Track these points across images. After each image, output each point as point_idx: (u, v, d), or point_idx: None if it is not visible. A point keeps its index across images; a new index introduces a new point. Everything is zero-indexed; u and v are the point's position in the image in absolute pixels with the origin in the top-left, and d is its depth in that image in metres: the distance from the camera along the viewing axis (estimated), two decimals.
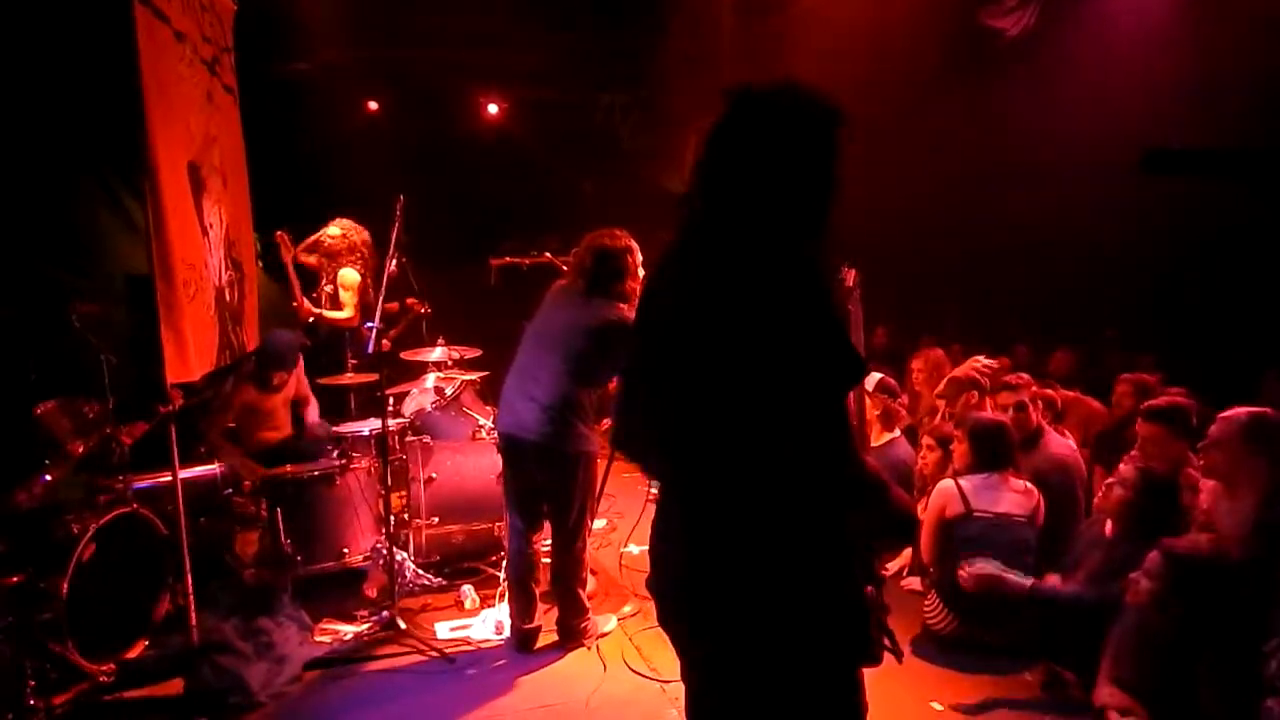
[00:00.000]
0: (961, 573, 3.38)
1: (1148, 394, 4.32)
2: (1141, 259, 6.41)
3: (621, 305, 3.50)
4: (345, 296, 5.61)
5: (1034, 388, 4.50)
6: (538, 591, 3.74)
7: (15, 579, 3.18)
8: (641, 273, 3.61)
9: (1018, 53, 6.48)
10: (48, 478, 3.55)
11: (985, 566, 3.34)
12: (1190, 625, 2.68)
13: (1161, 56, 5.82)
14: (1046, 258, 7.02)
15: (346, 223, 5.66)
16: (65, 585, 3.19)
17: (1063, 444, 4.22)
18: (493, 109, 8.91)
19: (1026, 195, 6.79)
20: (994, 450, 3.73)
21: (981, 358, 4.55)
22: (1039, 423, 4.24)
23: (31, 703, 3.04)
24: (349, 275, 5.59)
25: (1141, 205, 5.95)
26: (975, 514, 3.63)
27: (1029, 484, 3.75)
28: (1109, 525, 3.33)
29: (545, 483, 3.53)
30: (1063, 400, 4.85)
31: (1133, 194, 5.87)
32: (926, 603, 3.72)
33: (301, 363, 4.80)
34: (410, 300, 5.94)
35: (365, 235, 5.65)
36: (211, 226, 4.12)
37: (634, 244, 3.58)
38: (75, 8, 4.19)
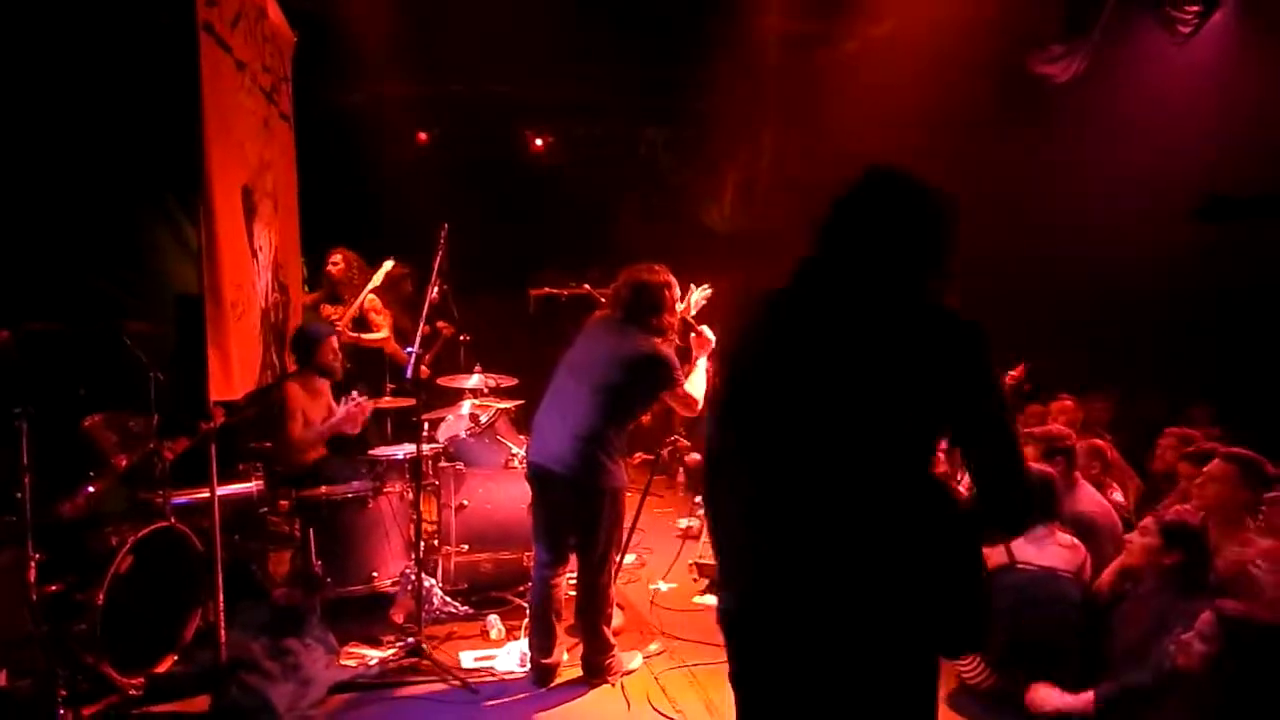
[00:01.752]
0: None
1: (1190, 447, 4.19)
2: (1196, 308, 6.25)
3: (657, 340, 3.50)
4: (378, 319, 5.72)
5: (1074, 438, 4.37)
6: (560, 626, 3.70)
7: (53, 588, 3.24)
8: (679, 305, 3.61)
9: (1068, 99, 6.43)
10: (91, 489, 3.62)
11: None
12: (1243, 689, 2.57)
13: (1215, 100, 5.74)
14: (1097, 305, 6.89)
15: (349, 255, 5.83)
16: (101, 596, 3.24)
17: (1095, 500, 4.07)
18: (538, 142, 9.06)
19: (1076, 242, 6.69)
20: (1041, 502, 3.62)
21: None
22: (1075, 476, 4.12)
23: (61, 712, 3.07)
24: (376, 299, 5.72)
25: (1197, 252, 5.82)
26: (1018, 565, 3.54)
27: (1075, 539, 3.65)
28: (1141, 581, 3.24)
29: (572, 516, 3.51)
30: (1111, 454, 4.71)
31: (1188, 241, 5.75)
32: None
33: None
34: (440, 324, 6.04)
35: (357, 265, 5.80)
36: (261, 249, 4.22)
37: (672, 279, 3.59)
38: (143, 36, 4.36)
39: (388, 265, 5.73)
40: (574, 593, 3.71)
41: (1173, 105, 6.01)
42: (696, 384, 3.65)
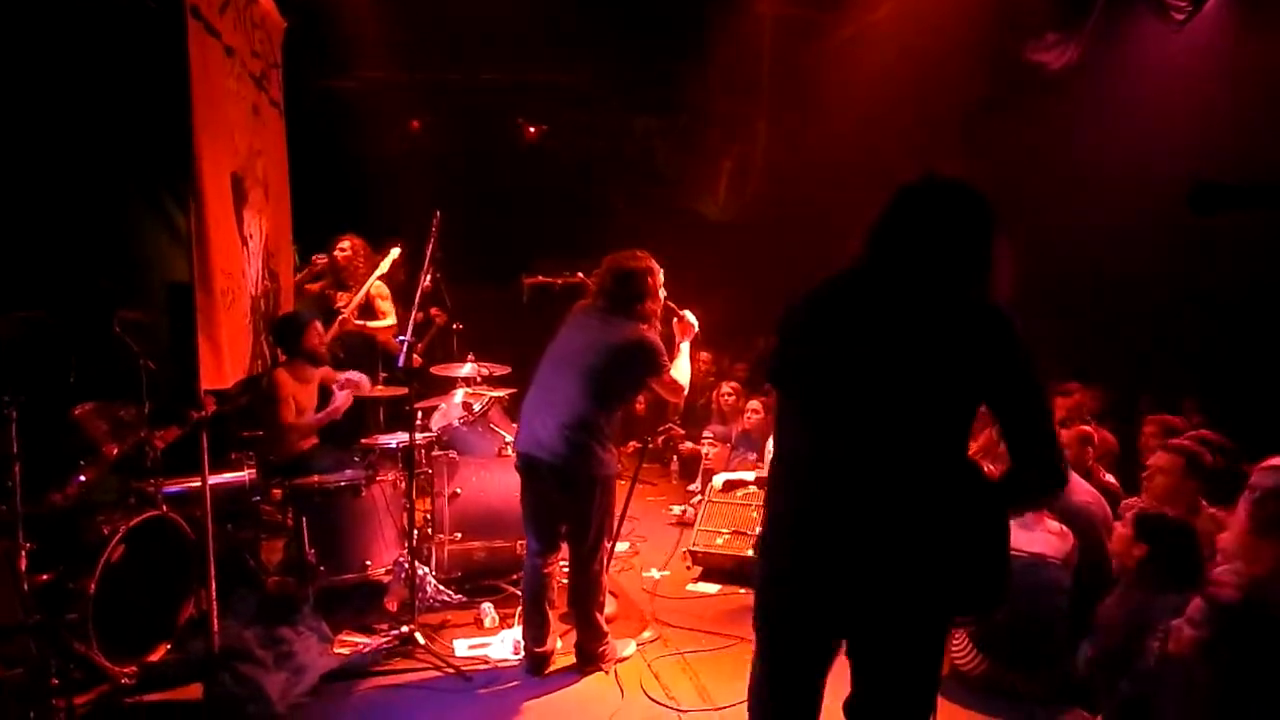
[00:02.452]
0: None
1: (1175, 437, 4.20)
2: (1187, 296, 6.26)
3: (643, 325, 3.50)
4: (384, 306, 5.70)
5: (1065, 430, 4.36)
6: (553, 614, 3.71)
7: (45, 577, 3.23)
8: (663, 294, 3.60)
9: (1061, 86, 6.41)
10: (83, 478, 3.61)
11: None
12: (1238, 674, 2.58)
13: (1210, 88, 5.72)
14: (1086, 293, 6.89)
15: (357, 241, 5.80)
16: (93, 586, 3.23)
17: (1086, 490, 4.04)
18: (531, 130, 9.01)
19: (1067, 228, 6.68)
20: None
21: None
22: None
23: (54, 702, 3.06)
24: (384, 286, 5.69)
25: (1188, 241, 5.82)
26: (1010, 552, 3.55)
27: (1063, 526, 3.66)
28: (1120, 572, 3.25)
29: (563, 504, 3.51)
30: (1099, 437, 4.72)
31: (1179, 229, 5.75)
32: (955, 642, 3.63)
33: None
34: (433, 311, 6.02)
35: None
36: (251, 237, 4.20)
37: (655, 265, 3.58)
38: (131, 21, 4.32)
39: (395, 253, 5.70)
40: (566, 581, 3.72)
41: (1167, 93, 5.98)
42: (682, 369, 3.64)
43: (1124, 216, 6.15)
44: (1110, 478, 4.30)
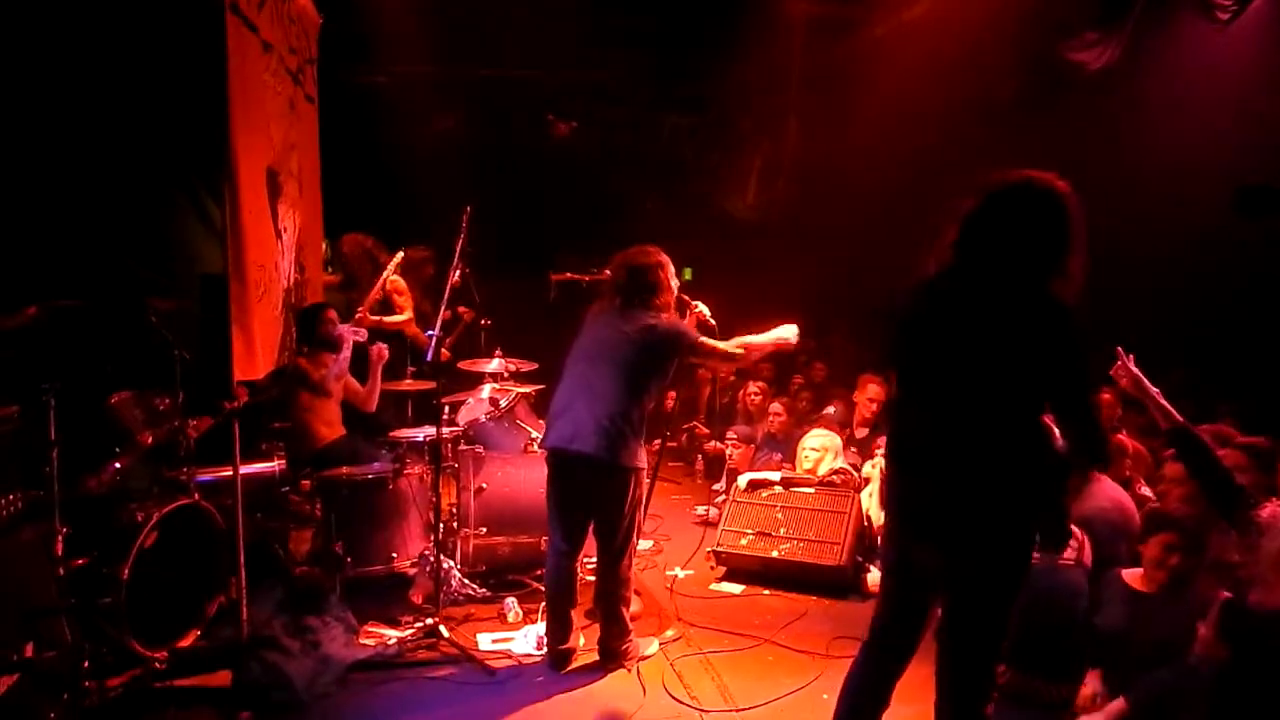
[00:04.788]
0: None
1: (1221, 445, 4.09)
2: (1230, 302, 6.12)
3: (662, 315, 3.51)
4: (401, 301, 5.75)
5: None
6: (576, 612, 3.71)
7: (80, 562, 3.29)
8: (675, 284, 3.61)
9: (1100, 87, 6.29)
10: (117, 465, 3.67)
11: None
12: (1238, 678, 2.54)
13: (1255, 89, 5.58)
14: (1127, 298, 6.76)
15: (354, 239, 5.85)
16: (126, 571, 3.28)
17: (1108, 497, 3.91)
18: (562, 127, 9.02)
19: (1105, 230, 6.56)
20: None
21: None
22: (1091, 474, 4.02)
23: (86, 684, 3.12)
24: (399, 280, 5.75)
25: (1231, 246, 5.69)
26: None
27: (1074, 527, 3.56)
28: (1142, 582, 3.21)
29: (595, 498, 3.51)
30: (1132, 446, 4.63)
31: (1223, 234, 5.63)
32: None
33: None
34: (460, 308, 6.04)
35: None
36: (285, 230, 4.25)
37: (666, 259, 3.60)
38: (171, 16, 4.37)
39: (399, 256, 5.71)
40: (592, 578, 3.72)
41: (1210, 93, 5.85)
42: (745, 340, 3.65)
43: (1164, 219, 6.03)
44: (1147, 490, 4.22)
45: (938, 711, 2.45)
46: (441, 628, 3.78)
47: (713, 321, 3.83)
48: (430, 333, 3.91)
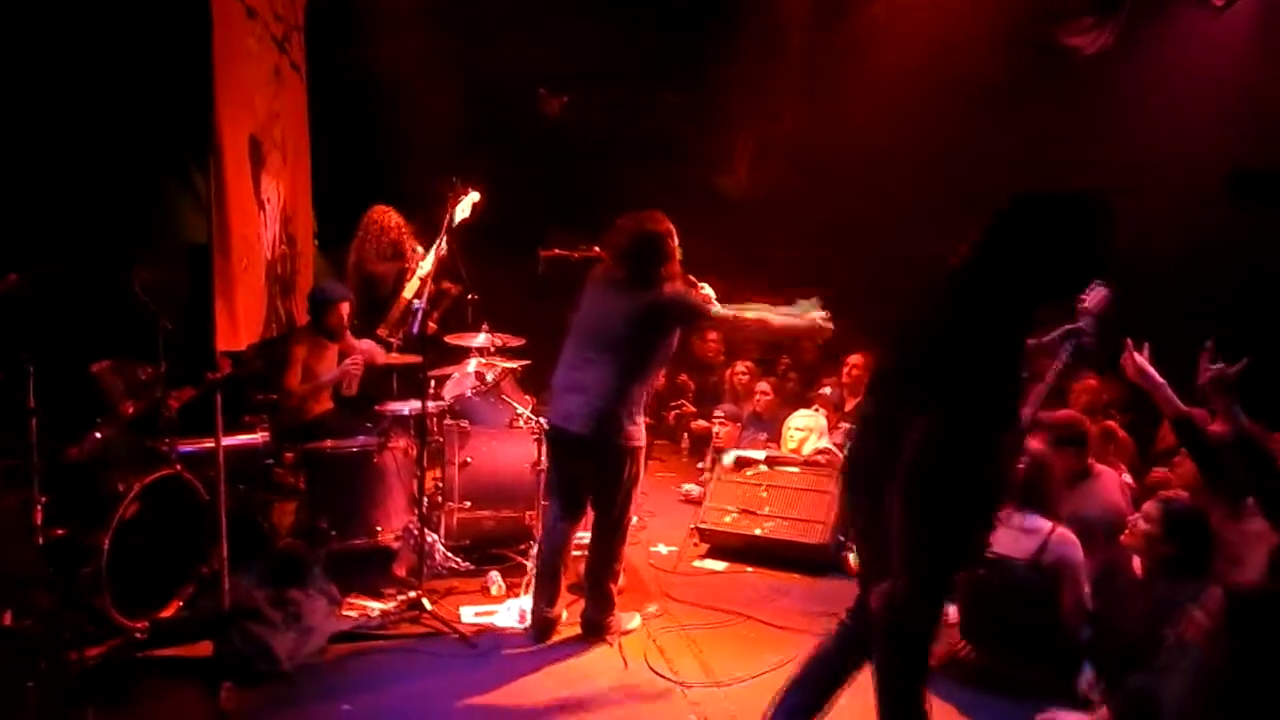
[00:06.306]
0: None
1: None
2: (1223, 289, 6.13)
3: (666, 285, 3.42)
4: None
5: (1087, 424, 4.22)
6: (564, 583, 3.72)
7: (60, 531, 3.27)
8: (679, 254, 3.51)
9: (1095, 71, 6.27)
10: (98, 435, 3.64)
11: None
12: (1244, 665, 2.56)
13: (1250, 75, 5.57)
14: (1120, 284, 6.76)
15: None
16: (107, 541, 3.27)
17: (1109, 500, 3.90)
18: (553, 103, 8.94)
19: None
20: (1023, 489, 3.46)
21: None
22: (1089, 462, 3.99)
23: (66, 654, 3.11)
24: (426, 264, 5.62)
25: (1225, 232, 5.68)
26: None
27: (1042, 522, 3.43)
28: (1137, 564, 3.20)
29: (593, 476, 3.52)
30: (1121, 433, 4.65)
31: (1216, 220, 5.62)
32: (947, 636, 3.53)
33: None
34: (445, 284, 5.96)
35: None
36: (269, 200, 4.20)
37: (672, 226, 3.48)
38: None
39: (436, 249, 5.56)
40: (579, 553, 3.73)
41: (1205, 79, 5.82)
42: (759, 311, 3.54)
43: (1158, 204, 6.02)
44: (1128, 478, 4.24)
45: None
46: (424, 600, 3.79)
47: (714, 298, 3.74)
48: (416, 304, 3.87)
